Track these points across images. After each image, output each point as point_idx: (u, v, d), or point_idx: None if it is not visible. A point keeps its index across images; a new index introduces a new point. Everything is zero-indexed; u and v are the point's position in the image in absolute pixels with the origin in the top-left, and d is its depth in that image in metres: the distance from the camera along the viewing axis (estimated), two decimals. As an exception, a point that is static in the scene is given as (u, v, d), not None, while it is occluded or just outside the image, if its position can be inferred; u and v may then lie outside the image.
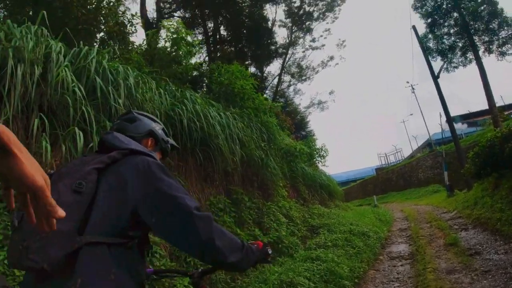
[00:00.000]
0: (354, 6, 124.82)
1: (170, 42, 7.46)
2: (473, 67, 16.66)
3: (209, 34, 22.71)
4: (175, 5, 21.28)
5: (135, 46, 7.62)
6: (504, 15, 15.62)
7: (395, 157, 40.39)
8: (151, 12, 19.11)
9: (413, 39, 15.69)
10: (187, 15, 21.50)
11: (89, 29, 5.92)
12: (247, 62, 23.37)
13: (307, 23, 23.86)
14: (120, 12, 7.02)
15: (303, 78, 24.77)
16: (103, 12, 6.40)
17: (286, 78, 24.88)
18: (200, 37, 23.00)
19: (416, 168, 28.07)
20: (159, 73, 6.14)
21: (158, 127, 1.53)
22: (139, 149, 1.22)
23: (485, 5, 15.81)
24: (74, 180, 1.04)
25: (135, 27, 7.44)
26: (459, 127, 31.85)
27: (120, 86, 3.81)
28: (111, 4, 6.63)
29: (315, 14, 22.97)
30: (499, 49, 16.09)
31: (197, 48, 9.55)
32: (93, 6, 6.15)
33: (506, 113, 22.38)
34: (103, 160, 1.11)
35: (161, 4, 19.21)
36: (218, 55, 20.39)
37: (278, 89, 23.44)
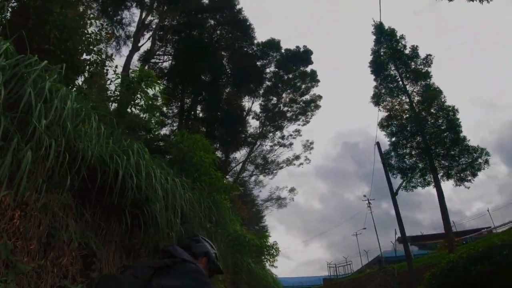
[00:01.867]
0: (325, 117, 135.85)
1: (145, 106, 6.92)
2: (429, 189, 17.52)
3: (185, 109, 23.02)
4: (160, 74, 21.84)
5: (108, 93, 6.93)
6: (465, 143, 17.06)
7: (345, 269, 39.13)
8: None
9: (376, 154, 16.96)
10: (170, 86, 21.95)
11: (55, 52, 5.32)
12: (215, 146, 23.42)
13: (279, 121, 25.10)
14: (95, 49, 6.54)
15: (266, 171, 24.87)
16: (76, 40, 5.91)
17: (250, 167, 24.86)
18: (175, 110, 23.24)
19: (365, 284, 26.92)
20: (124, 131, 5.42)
21: (212, 251, 1.99)
22: (188, 259, 1.63)
23: (447, 132, 17.31)
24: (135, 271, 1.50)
25: (106, 70, 6.93)
26: (410, 248, 32.09)
27: (53, 108, 3.09)
28: (88, 37, 6.22)
29: (288, 115, 24.44)
30: (458, 175, 17.15)
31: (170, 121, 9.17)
32: (67, 32, 5.62)
33: (457, 239, 22.98)
34: (158, 262, 1.58)
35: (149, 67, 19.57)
36: (188, 131, 20.31)
37: (240, 176, 23.10)
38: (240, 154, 23.87)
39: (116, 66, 7.32)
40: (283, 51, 24.00)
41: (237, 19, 22.01)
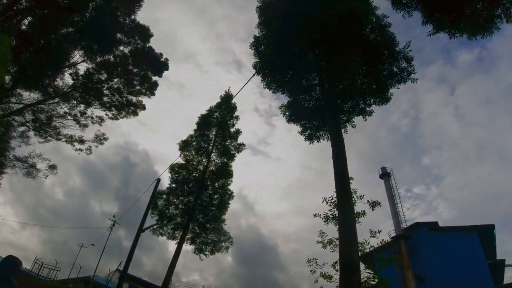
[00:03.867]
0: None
1: None
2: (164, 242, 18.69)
3: None
4: None
5: None
6: (221, 224, 19.68)
7: (50, 272, 35.12)
8: None
9: (149, 188, 16.73)
10: None
11: None
12: None
13: (92, 98, 22.50)
14: None
15: (41, 132, 20.96)
16: None
17: (28, 115, 20.45)
18: None
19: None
20: None
21: None
22: None
23: (214, 208, 19.57)
24: None
25: None
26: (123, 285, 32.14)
27: None
28: None
29: (105, 99, 22.35)
30: (201, 245, 19.24)
31: None
32: None
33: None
34: None
35: None
36: None
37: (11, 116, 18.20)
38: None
39: None
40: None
41: None
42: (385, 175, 36.62)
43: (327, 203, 9.60)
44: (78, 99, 21.65)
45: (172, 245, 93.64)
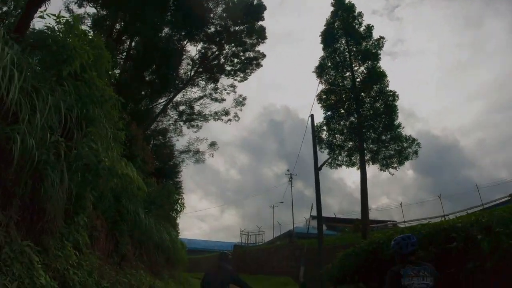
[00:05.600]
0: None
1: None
2: (342, 177, 17.34)
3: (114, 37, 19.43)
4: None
5: None
6: (399, 130, 16.88)
7: (256, 238, 39.56)
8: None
9: (307, 129, 16.25)
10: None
11: None
12: (145, 91, 20.42)
13: (217, 74, 22.83)
14: None
15: (190, 121, 22.60)
16: None
17: (173, 114, 22.31)
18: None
19: (273, 255, 27.20)
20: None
21: None
22: None
23: (383, 116, 16.94)
24: None
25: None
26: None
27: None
28: None
29: (228, 68, 22.26)
30: (385, 161, 17.06)
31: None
32: None
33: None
34: None
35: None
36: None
37: (159, 119, 20.38)
38: (166, 98, 21.06)
39: None
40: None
41: None
42: None
43: None
44: (205, 79, 22.42)
45: (350, 177, 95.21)
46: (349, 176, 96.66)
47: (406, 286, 2.87)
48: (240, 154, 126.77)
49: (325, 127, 18.25)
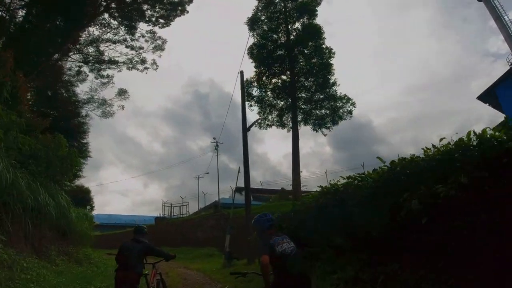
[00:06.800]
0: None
1: None
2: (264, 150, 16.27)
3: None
4: None
5: None
6: (334, 88, 15.98)
7: (180, 210, 37.41)
8: None
9: (235, 88, 14.35)
10: None
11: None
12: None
13: (135, 21, 19.25)
14: None
15: (100, 70, 18.86)
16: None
17: (75, 57, 18.20)
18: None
19: (197, 226, 25.68)
20: None
21: None
22: None
23: (319, 74, 15.89)
24: None
25: None
26: (241, 197, 32.77)
27: None
28: None
29: (148, 13, 18.83)
30: (317, 121, 16.20)
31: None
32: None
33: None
34: None
35: None
36: None
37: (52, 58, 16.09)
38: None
39: None
40: None
41: None
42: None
43: None
44: (120, 22, 18.62)
45: (272, 151, 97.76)
46: (272, 149, 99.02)
47: (281, 252, 3.26)
48: (162, 126, 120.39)
49: (255, 83, 16.60)
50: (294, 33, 17.33)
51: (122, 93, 20.13)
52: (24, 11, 15.16)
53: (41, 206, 6.49)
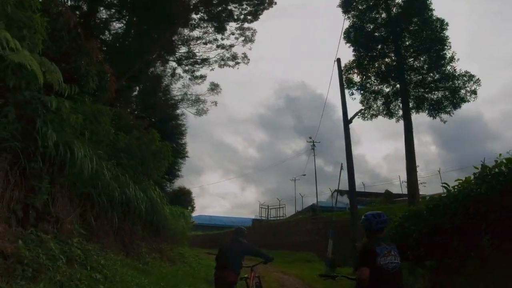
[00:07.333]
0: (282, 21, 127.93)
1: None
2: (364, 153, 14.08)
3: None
4: None
5: None
6: (451, 64, 13.25)
7: (277, 212, 37.11)
8: None
9: (332, 77, 13.10)
10: None
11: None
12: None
13: (224, 22, 19.54)
14: None
15: (194, 71, 19.56)
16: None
17: (171, 63, 19.30)
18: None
19: (294, 230, 24.67)
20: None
21: None
22: None
23: (431, 50, 13.38)
24: None
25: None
26: (344, 200, 30.50)
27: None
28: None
29: (236, 13, 18.88)
30: (434, 106, 13.61)
31: None
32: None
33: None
34: None
35: None
36: None
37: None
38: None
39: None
40: None
41: None
42: None
43: None
44: (210, 24, 19.16)
45: (369, 153, 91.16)
46: (369, 151, 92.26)
47: (382, 266, 2.87)
48: (255, 132, 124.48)
49: (355, 70, 14.70)
50: (394, 9, 14.98)
51: (214, 87, 20.61)
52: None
53: (130, 200, 6.36)
